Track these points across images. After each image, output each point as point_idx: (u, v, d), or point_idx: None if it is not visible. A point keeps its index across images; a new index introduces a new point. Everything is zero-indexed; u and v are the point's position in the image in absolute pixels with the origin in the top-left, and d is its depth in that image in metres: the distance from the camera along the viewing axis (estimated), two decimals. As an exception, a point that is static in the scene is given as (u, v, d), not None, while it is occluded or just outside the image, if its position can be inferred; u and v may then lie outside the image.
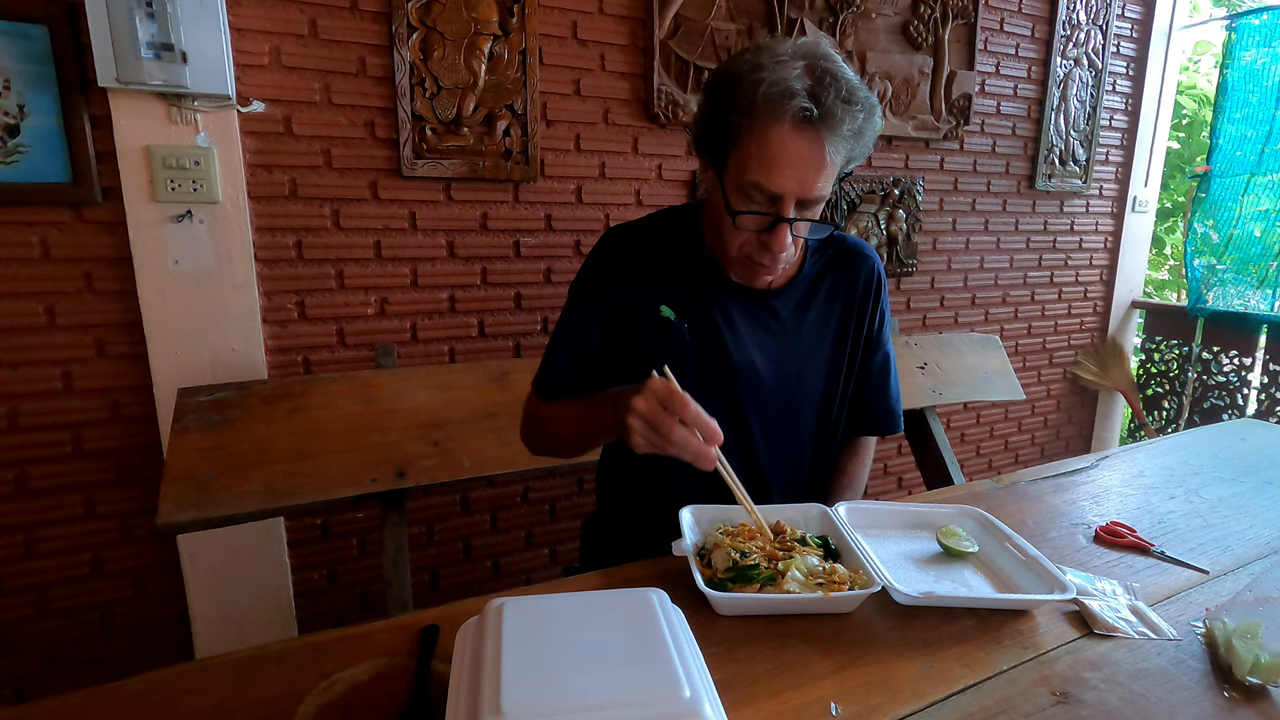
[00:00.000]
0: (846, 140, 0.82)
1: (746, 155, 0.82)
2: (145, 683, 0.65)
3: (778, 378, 1.00)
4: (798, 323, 1.01)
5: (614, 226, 1.05)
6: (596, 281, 1.00)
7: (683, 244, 1.01)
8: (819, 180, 0.82)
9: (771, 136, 0.80)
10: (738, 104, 0.81)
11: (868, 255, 1.07)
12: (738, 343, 0.98)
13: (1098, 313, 2.93)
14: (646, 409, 0.76)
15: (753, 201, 0.84)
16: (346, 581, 1.74)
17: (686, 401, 0.75)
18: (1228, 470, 1.25)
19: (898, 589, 0.76)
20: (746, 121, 0.81)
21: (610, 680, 0.54)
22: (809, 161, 0.80)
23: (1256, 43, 2.58)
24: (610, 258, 1.00)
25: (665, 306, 0.98)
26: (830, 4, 2.01)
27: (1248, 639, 0.70)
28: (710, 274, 0.99)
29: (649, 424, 0.77)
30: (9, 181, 1.30)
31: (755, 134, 0.81)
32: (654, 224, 1.03)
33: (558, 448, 1.03)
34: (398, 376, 1.51)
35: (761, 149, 0.81)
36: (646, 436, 0.77)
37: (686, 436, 0.75)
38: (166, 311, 1.44)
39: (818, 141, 0.80)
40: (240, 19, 1.42)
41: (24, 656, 1.48)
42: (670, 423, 0.75)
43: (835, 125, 0.79)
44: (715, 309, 0.98)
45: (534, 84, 1.68)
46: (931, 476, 2.03)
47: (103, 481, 1.48)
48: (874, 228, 2.26)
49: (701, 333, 0.98)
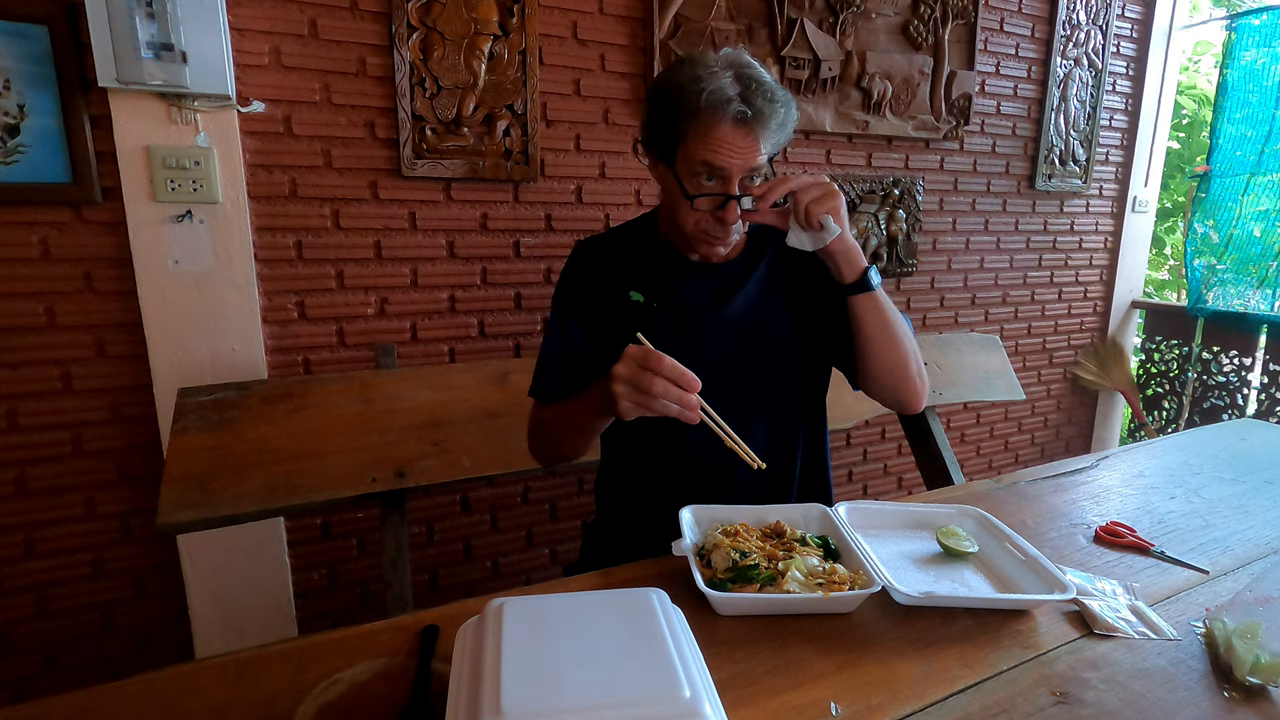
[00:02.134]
0: (774, 132, 0.97)
1: (695, 148, 0.96)
2: (145, 683, 0.65)
3: (747, 334, 1.08)
4: (753, 285, 1.10)
5: (580, 240, 1.17)
6: (572, 287, 1.11)
7: (643, 240, 1.13)
8: (758, 155, 0.97)
9: (715, 135, 0.94)
10: (684, 109, 0.95)
11: None
12: (705, 311, 1.08)
13: (1098, 313, 2.93)
14: (627, 372, 0.83)
15: (704, 184, 0.97)
16: (346, 581, 1.74)
17: (661, 357, 0.82)
18: (1228, 470, 1.25)
19: (898, 589, 0.76)
20: (693, 123, 0.95)
21: (610, 680, 0.54)
22: (747, 150, 0.95)
23: (1256, 43, 2.58)
24: (581, 264, 1.12)
25: (634, 292, 1.08)
26: (830, 4, 2.01)
27: (1248, 639, 0.70)
28: (670, 259, 1.10)
29: (631, 385, 0.83)
30: (9, 181, 1.31)
31: (701, 133, 0.95)
32: (616, 232, 1.17)
33: (560, 449, 1.09)
34: (398, 376, 1.51)
35: (707, 144, 0.95)
36: (630, 398, 0.83)
37: (666, 386, 0.81)
38: (166, 311, 1.44)
39: (753, 136, 0.95)
40: (240, 19, 1.42)
41: (24, 656, 1.48)
42: (649, 378, 0.81)
43: (765, 121, 0.95)
44: (680, 286, 1.08)
45: (534, 84, 1.68)
46: (931, 476, 2.03)
47: (103, 481, 1.48)
48: (874, 228, 2.26)
49: (671, 307, 1.07)
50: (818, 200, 0.94)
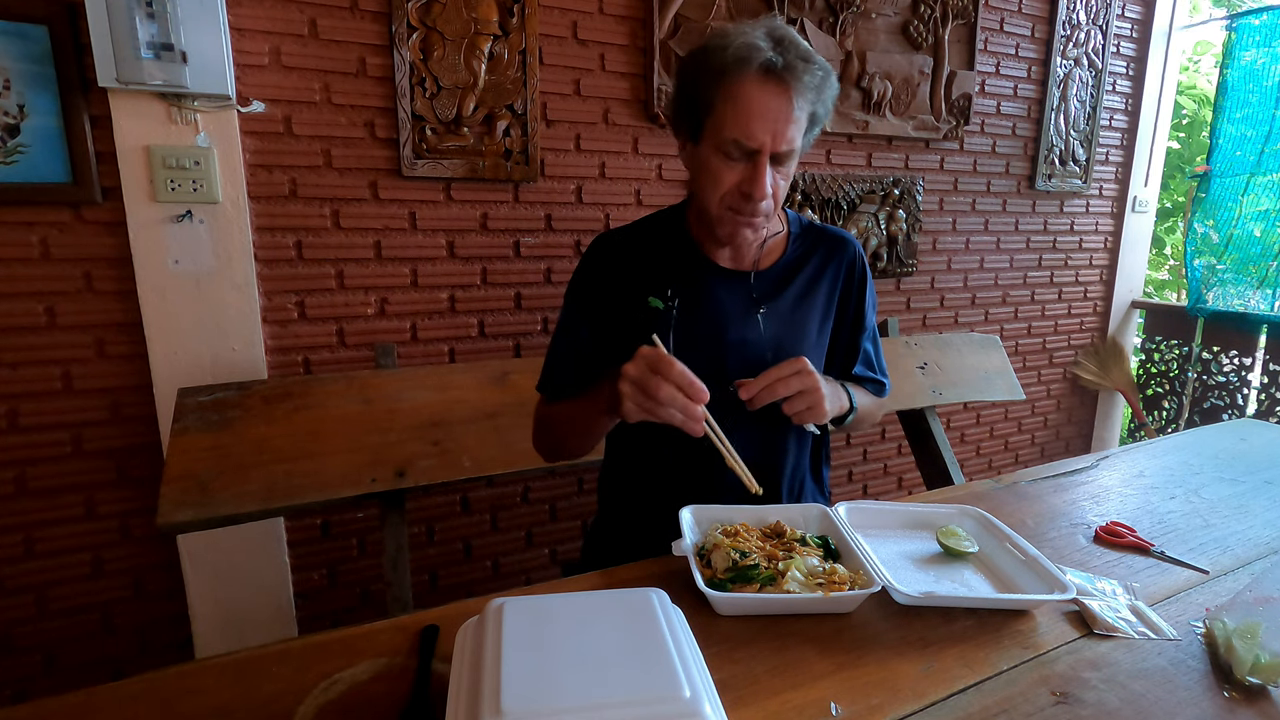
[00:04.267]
0: (809, 93, 0.89)
1: (722, 117, 0.89)
2: (145, 683, 0.65)
3: (767, 352, 1.03)
4: (782, 301, 1.06)
5: (600, 234, 1.11)
6: (587, 285, 1.07)
7: (669, 237, 1.07)
8: (789, 130, 0.89)
9: (742, 90, 0.87)
10: (710, 69, 0.89)
11: (848, 240, 1.13)
12: (727, 320, 1.03)
13: (1098, 313, 2.93)
14: (635, 372, 0.82)
15: (732, 158, 0.91)
16: (346, 581, 1.74)
17: (672, 362, 0.80)
18: (1228, 470, 1.25)
19: (898, 589, 0.76)
20: (718, 84, 0.88)
21: (610, 680, 0.54)
22: (778, 112, 0.87)
23: (1256, 43, 2.58)
24: (598, 261, 1.07)
25: (653, 298, 1.03)
26: (830, 4, 2.01)
27: (1248, 639, 0.70)
28: (697, 260, 1.05)
29: (638, 386, 0.81)
30: (9, 181, 1.30)
31: (728, 92, 0.88)
32: (639, 226, 1.11)
33: (566, 446, 1.08)
34: (398, 376, 1.51)
35: (734, 105, 0.88)
36: (636, 400, 0.82)
37: (673, 394, 0.80)
38: (166, 311, 1.44)
39: (784, 93, 0.87)
40: (240, 19, 1.42)
41: (24, 656, 1.48)
42: (657, 382, 0.80)
43: (798, 75, 0.87)
44: (704, 290, 1.03)
45: (534, 84, 1.68)
46: (931, 476, 2.03)
47: (103, 481, 1.48)
48: (874, 228, 2.26)
49: (691, 313, 1.03)
50: (804, 413, 0.91)
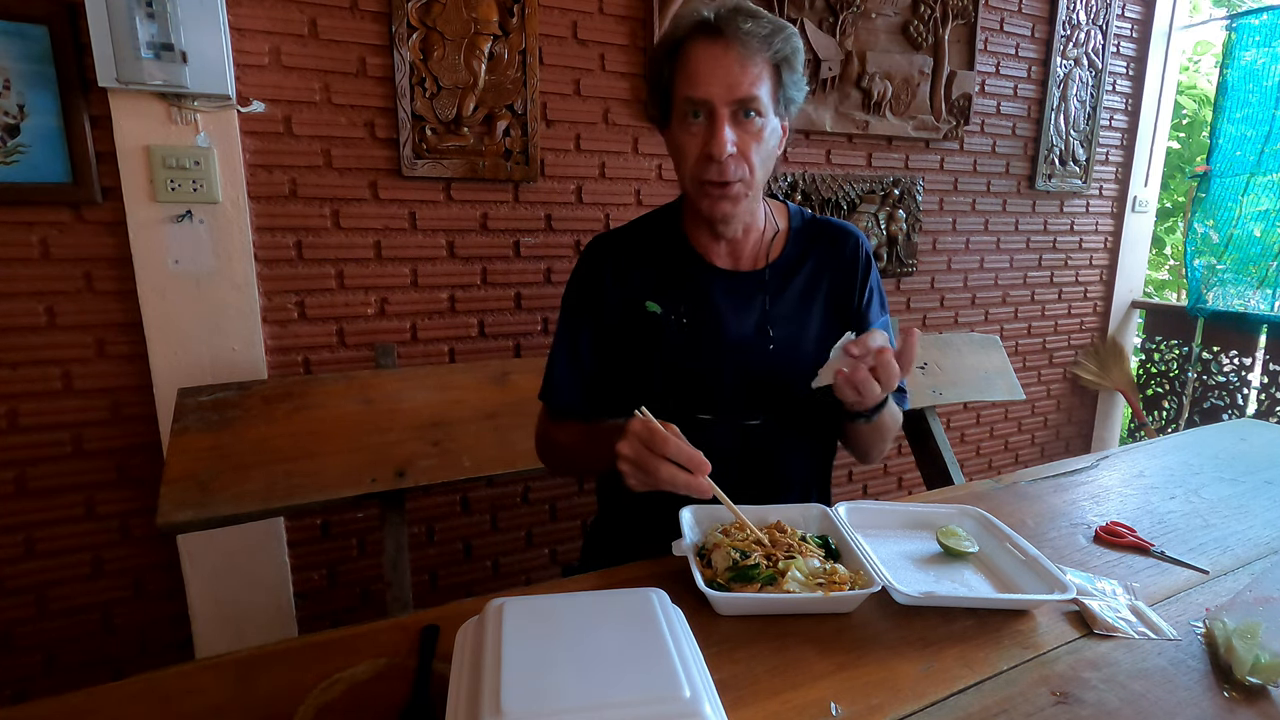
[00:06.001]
0: (755, 42, 0.89)
1: (676, 86, 0.92)
2: (145, 683, 0.65)
3: (771, 352, 1.02)
4: (783, 300, 1.04)
5: (596, 235, 1.10)
6: (583, 291, 1.06)
7: (665, 238, 1.06)
8: (739, 80, 0.89)
9: (687, 52, 0.91)
10: (664, 47, 0.94)
11: (851, 233, 1.10)
12: (729, 321, 1.02)
13: (1098, 313, 2.93)
14: (631, 453, 0.80)
15: (691, 127, 0.93)
16: (346, 581, 1.74)
17: (666, 439, 0.78)
18: (1228, 470, 1.25)
19: (898, 589, 0.76)
20: (672, 58, 0.93)
21: (610, 680, 0.54)
22: (722, 62, 0.89)
23: (1256, 43, 2.58)
24: (593, 265, 1.06)
25: (650, 302, 1.02)
26: (830, 4, 2.01)
27: (1248, 639, 0.69)
28: (694, 262, 1.04)
29: (636, 467, 0.80)
30: (9, 181, 1.30)
31: (678, 61, 0.92)
32: (635, 227, 1.10)
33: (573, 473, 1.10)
34: (398, 376, 1.51)
35: (683, 67, 0.91)
36: (638, 479, 0.81)
37: (674, 473, 0.78)
38: (166, 311, 1.44)
39: (727, 45, 0.89)
40: (240, 19, 1.42)
41: (24, 656, 1.48)
42: (656, 462, 0.78)
43: (736, 26, 0.89)
44: (703, 293, 1.02)
45: (534, 84, 1.68)
46: (931, 476, 2.03)
47: (103, 481, 1.48)
48: (874, 228, 2.26)
49: (693, 316, 1.01)
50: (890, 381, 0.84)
